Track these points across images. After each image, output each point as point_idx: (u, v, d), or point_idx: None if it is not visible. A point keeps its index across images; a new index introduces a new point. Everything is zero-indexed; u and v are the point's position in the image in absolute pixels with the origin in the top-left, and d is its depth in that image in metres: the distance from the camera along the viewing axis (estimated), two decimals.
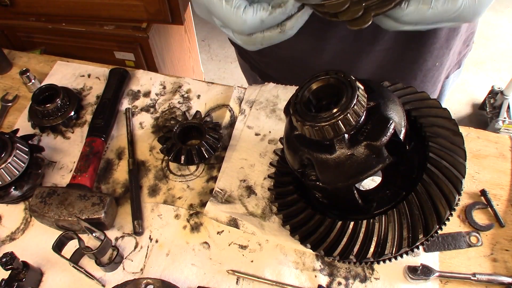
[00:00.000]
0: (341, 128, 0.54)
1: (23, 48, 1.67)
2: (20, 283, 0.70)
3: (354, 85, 0.55)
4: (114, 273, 0.76)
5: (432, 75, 0.93)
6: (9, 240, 0.80)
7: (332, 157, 0.57)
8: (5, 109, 1.00)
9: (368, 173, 0.58)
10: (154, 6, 1.52)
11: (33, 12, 1.63)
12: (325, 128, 0.54)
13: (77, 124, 0.96)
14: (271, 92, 0.97)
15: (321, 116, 0.55)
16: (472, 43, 1.02)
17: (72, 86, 1.02)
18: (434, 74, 0.94)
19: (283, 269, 0.75)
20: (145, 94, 1.01)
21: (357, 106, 0.54)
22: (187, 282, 0.74)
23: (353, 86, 0.55)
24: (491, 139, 0.89)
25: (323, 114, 0.55)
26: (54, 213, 0.75)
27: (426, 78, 0.93)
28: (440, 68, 0.94)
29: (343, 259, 0.63)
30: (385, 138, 0.55)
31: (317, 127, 0.54)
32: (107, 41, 1.66)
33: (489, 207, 0.80)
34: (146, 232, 0.80)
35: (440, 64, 0.92)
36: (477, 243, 0.76)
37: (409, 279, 0.72)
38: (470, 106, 2.65)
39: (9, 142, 0.78)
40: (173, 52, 1.89)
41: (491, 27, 3.05)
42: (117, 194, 0.85)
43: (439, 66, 0.92)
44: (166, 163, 0.89)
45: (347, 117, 0.54)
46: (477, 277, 0.71)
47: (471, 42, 1.01)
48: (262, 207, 0.81)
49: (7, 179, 0.77)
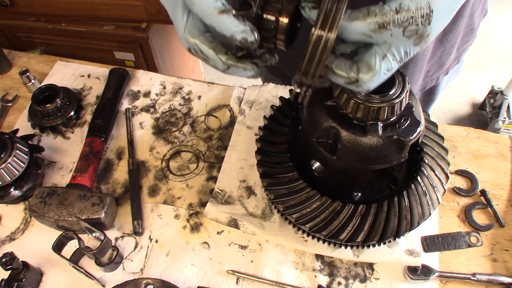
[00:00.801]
0: (384, 114, 0.56)
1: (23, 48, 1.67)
2: (20, 283, 0.70)
3: (405, 77, 0.57)
4: (114, 273, 0.76)
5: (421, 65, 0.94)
6: (9, 240, 0.80)
7: (362, 138, 0.58)
8: (5, 109, 1.00)
9: (386, 164, 0.60)
10: (154, 6, 1.52)
11: (33, 12, 1.63)
12: (371, 109, 0.55)
13: (77, 124, 0.96)
14: (271, 92, 0.97)
15: (373, 96, 0.56)
16: (474, 37, 1.01)
17: (72, 86, 1.02)
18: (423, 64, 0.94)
19: (283, 269, 0.75)
20: (145, 94, 1.01)
21: (404, 99, 0.56)
22: (187, 282, 0.74)
23: (403, 77, 0.57)
24: (491, 139, 0.89)
25: (375, 95, 0.56)
26: (54, 213, 0.74)
27: (416, 68, 0.93)
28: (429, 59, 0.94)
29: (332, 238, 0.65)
30: (414, 138, 0.58)
31: (365, 105, 0.55)
32: (107, 41, 1.66)
33: (489, 207, 0.80)
34: (146, 232, 0.80)
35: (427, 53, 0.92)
36: (477, 243, 0.76)
37: (409, 279, 0.72)
38: (470, 106, 2.65)
39: (9, 142, 0.78)
40: (173, 52, 1.89)
41: (491, 27, 3.05)
42: (117, 194, 0.85)
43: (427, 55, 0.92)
44: (166, 163, 0.89)
45: (394, 106, 0.55)
46: (477, 277, 0.71)
47: (471, 37, 1.01)
48: (262, 208, 0.81)
49: (7, 179, 0.77)
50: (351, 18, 0.47)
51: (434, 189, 0.67)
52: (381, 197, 0.71)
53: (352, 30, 0.47)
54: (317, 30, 0.46)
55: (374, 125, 0.57)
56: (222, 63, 0.52)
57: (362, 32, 0.47)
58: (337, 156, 0.60)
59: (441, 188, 0.68)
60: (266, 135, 0.75)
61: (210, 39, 0.52)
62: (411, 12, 0.45)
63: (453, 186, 0.82)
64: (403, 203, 0.64)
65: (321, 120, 0.60)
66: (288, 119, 0.76)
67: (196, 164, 0.89)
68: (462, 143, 0.89)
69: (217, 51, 0.51)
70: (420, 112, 0.62)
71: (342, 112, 0.59)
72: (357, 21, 0.46)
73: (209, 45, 0.51)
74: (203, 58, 0.53)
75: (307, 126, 0.64)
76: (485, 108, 2.48)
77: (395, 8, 0.45)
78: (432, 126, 0.73)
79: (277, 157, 0.71)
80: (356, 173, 0.64)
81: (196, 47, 0.52)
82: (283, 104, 0.79)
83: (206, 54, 0.52)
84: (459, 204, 0.81)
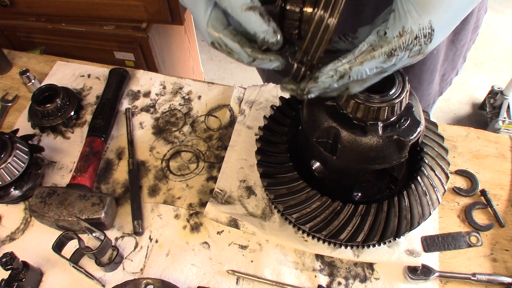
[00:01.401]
0: (384, 114, 0.56)
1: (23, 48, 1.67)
2: (20, 283, 0.70)
3: (405, 77, 0.57)
4: (114, 273, 0.76)
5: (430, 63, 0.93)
6: (9, 240, 0.80)
7: (363, 138, 0.58)
8: (5, 109, 1.00)
9: (386, 164, 0.60)
10: (154, 6, 1.52)
11: (33, 12, 1.63)
12: (371, 109, 0.55)
13: (77, 124, 0.96)
14: (271, 92, 0.97)
15: (373, 96, 0.56)
16: (477, 35, 1.01)
17: (72, 86, 1.02)
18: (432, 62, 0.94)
19: (283, 269, 0.75)
20: (145, 94, 1.01)
21: (404, 99, 0.56)
22: (187, 282, 0.74)
23: (403, 77, 0.57)
24: (491, 139, 0.89)
25: (375, 95, 0.56)
26: (54, 213, 0.74)
27: (424, 66, 0.93)
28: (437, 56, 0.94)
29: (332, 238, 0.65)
30: (414, 138, 0.58)
31: (365, 105, 0.55)
32: (107, 41, 1.66)
33: (489, 207, 0.80)
34: (146, 232, 0.80)
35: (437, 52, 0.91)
36: (477, 243, 0.76)
37: (409, 279, 0.72)
38: (470, 106, 2.65)
39: (9, 142, 0.78)
40: (173, 52, 1.89)
41: (491, 27, 3.05)
42: (117, 194, 0.85)
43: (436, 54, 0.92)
44: (166, 163, 0.89)
45: (394, 106, 0.56)
46: (477, 277, 0.71)
47: (475, 35, 1.00)
48: (262, 208, 0.81)
49: (7, 179, 0.77)
50: (359, 61, 0.48)
51: (434, 189, 0.67)
52: (381, 197, 0.71)
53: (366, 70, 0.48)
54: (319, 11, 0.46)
55: (374, 125, 0.58)
56: (247, 56, 0.51)
57: (374, 67, 0.48)
58: (337, 156, 0.60)
59: (441, 188, 0.68)
60: (266, 135, 0.75)
61: (234, 32, 0.51)
62: (414, 34, 0.46)
63: (453, 186, 0.82)
64: (403, 203, 0.64)
65: (321, 120, 0.60)
66: (288, 119, 0.76)
67: (196, 164, 0.89)
68: (462, 143, 0.89)
69: (242, 44, 0.51)
70: (420, 112, 0.62)
71: (342, 112, 0.59)
72: (366, 61, 0.48)
73: (233, 38, 0.51)
74: (227, 51, 0.52)
75: (307, 126, 0.64)
76: (485, 108, 2.48)
77: (398, 33, 0.46)
78: (432, 126, 0.73)
79: (277, 157, 0.71)
80: (356, 173, 0.64)
81: (221, 40, 0.52)
82: (283, 104, 0.79)
83: (231, 48, 0.52)
84: (459, 204, 0.81)
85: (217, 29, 0.51)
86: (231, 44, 0.51)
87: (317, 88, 0.51)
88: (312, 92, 0.52)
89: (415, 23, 0.45)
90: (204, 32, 0.53)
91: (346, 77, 0.49)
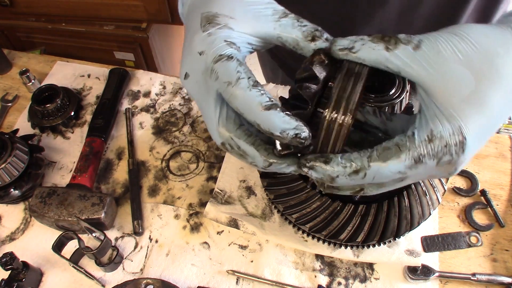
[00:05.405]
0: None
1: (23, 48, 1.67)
2: (20, 283, 0.70)
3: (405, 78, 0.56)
4: (114, 273, 0.76)
5: None
6: (9, 240, 0.80)
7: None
8: (5, 109, 1.00)
9: None
10: (154, 6, 1.52)
11: (33, 12, 1.64)
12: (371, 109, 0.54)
13: (77, 124, 0.96)
14: (271, 92, 0.97)
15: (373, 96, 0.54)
16: None
17: (72, 86, 1.02)
18: None
19: (283, 269, 0.75)
20: (145, 94, 1.01)
21: (404, 99, 0.55)
22: (187, 282, 0.74)
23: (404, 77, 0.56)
24: (491, 139, 0.89)
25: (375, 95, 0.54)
26: (54, 213, 0.74)
27: None
28: None
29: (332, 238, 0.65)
30: None
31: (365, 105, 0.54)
32: (107, 41, 1.66)
33: (489, 207, 0.80)
34: (146, 232, 0.80)
35: None
36: (477, 243, 0.76)
37: (409, 279, 0.72)
38: None
39: (9, 142, 0.78)
40: (173, 52, 1.89)
41: None
42: (117, 194, 0.85)
43: None
44: (166, 163, 0.89)
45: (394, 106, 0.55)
46: (477, 277, 0.71)
47: None
48: (262, 208, 0.81)
49: (7, 179, 0.77)
50: (382, 158, 0.41)
51: (434, 189, 0.67)
52: (381, 197, 0.71)
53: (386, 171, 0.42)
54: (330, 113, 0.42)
55: None
56: (263, 161, 0.45)
57: (397, 171, 0.42)
58: None
59: (441, 188, 0.68)
60: None
61: (248, 133, 0.45)
62: (444, 140, 0.40)
63: (453, 186, 0.82)
64: (403, 203, 0.64)
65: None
66: None
67: (196, 164, 0.89)
68: None
69: (257, 147, 0.45)
70: None
71: None
72: (390, 160, 0.41)
73: (248, 139, 0.45)
74: (239, 154, 0.46)
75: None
76: None
77: (426, 136, 0.40)
78: None
79: None
80: None
81: (233, 142, 0.45)
82: (283, 104, 0.79)
83: (245, 150, 0.46)
84: (459, 204, 0.81)
85: (230, 129, 0.45)
86: (245, 147, 0.45)
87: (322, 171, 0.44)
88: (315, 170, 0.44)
89: (443, 127, 0.39)
90: (213, 132, 0.47)
91: (362, 173, 0.42)
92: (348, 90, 0.42)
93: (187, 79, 0.48)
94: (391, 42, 0.41)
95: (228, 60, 0.44)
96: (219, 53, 0.44)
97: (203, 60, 0.45)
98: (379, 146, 0.42)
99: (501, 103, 0.40)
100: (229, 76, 0.43)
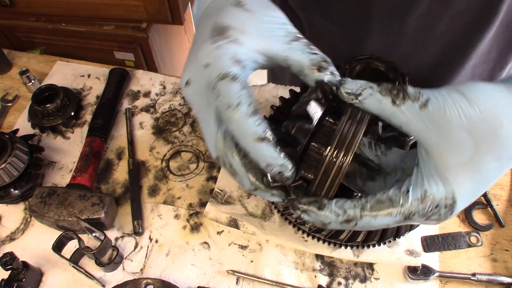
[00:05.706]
0: None
1: (23, 48, 1.67)
2: (20, 283, 0.70)
3: (405, 78, 0.56)
4: (114, 273, 0.76)
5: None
6: (9, 240, 0.80)
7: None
8: (5, 109, 1.00)
9: None
10: (154, 6, 1.52)
11: (33, 12, 1.64)
12: None
13: (77, 124, 0.96)
14: (271, 93, 0.97)
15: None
16: None
17: (72, 86, 1.02)
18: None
19: (283, 269, 0.75)
20: (145, 94, 1.01)
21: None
22: (187, 282, 0.74)
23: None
24: None
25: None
26: (54, 213, 0.74)
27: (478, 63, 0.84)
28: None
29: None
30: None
31: None
32: (107, 41, 1.66)
33: (489, 207, 0.80)
34: (146, 232, 0.80)
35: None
36: (477, 243, 0.76)
37: (409, 279, 0.72)
38: None
39: (9, 142, 0.78)
40: (173, 52, 1.89)
41: None
42: (117, 194, 0.85)
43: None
44: (166, 163, 0.89)
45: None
46: (477, 277, 0.71)
47: None
48: (262, 208, 0.81)
49: (6, 179, 0.77)
50: (373, 210, 0.43)
51: None
52: None
53: (376, 224, 0.43)
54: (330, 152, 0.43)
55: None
56: (250, 184, 0.46)
57: (386, 224, 0.44)
58: None
59: None
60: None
61: (244, 153, 0.46)
62: (436, 202, 0.42)
63: None
64: None
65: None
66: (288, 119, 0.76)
67: (196, 164, 0.89)
68: None
69: (248, 169, 0.46)
70: None
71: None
72: (382, 215, 0.43)
73: (241, 161, 0.45)
74: (230, 172, 0.47)
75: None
76: None
77: (419, 195, 0.42)
78: None
79: None
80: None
81: (227, 158, 0.46)
82: (283, 104, 0.79)
83: (235, 170, 0.46)
84: None
85: (226, 146, 0.45)
86: (237, 166, 0.46)
87: (315, 216, 0.45)
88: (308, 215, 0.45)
89: (437, 190, 0.41)
90: (210, 144, 0.47)
91: (353, 223, 0.44)
92: (350, 135, 0.43)
93: (188, 87, 0.48)
94: (399, 96, 0.41)
95: (232, 81, 0.43)
96: (224, 71, 0.44)
97: (207, 73, 0.45)
98: (372, 198, 0.44)
99: (496, 169, 0.42)
100: (230, 99, 0.43)
